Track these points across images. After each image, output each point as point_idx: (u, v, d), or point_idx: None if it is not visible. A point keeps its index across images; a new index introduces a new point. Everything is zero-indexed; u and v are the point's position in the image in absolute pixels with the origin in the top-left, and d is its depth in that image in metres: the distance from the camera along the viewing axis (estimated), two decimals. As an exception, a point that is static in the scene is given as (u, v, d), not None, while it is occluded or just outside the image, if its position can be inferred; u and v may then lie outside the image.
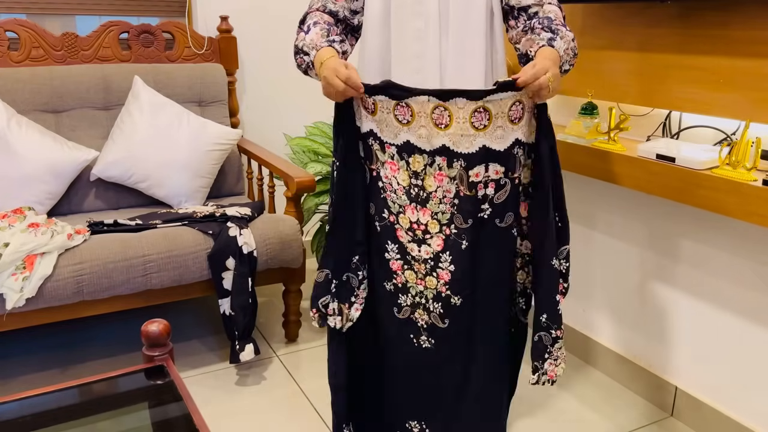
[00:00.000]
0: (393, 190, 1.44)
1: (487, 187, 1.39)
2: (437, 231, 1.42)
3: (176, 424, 1.23)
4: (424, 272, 1.46)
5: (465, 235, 1.41)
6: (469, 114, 1.33)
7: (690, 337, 1.92)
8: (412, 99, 1.35)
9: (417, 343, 1.51)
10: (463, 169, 1.37)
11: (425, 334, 1.50)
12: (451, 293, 1.45)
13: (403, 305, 1.50)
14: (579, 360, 2.31)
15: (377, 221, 1.48)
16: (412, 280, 1.48)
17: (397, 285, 1.50)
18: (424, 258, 1.44)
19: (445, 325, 1.47)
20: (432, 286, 1.46)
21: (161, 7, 2.79)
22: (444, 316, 1.47)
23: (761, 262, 1.70)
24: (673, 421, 1.97)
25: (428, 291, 1.46)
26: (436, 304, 1.47)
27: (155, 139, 2.39)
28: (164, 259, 2.02)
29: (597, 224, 2.18)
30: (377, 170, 1.45)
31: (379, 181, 1.46)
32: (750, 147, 1.55)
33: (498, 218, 1.43)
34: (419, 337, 1.50)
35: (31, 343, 2.38)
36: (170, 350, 1.38)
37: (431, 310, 1.47)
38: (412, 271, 1.47)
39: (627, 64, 1.89)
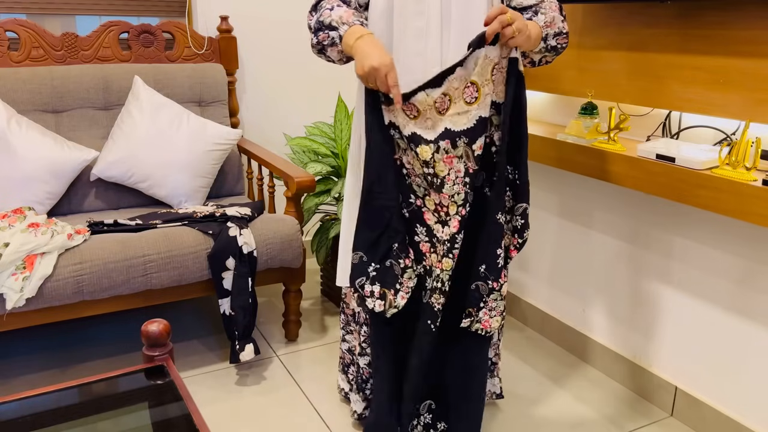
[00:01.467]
0: (416, 176, 1.51)
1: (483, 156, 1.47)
2: (455, 212, 1.48)
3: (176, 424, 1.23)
4: (442, 254, 1.51)
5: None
6: (461, 91, 1.40)
7: (690, 337, 1.92)
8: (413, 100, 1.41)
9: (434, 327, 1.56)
10: (467, 146, 1.43)
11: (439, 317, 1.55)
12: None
13: (428, 288, 1.56)
14: (579, 359, 2.31)
15: (405, 207, 1.54)
16: (434, 262, 1.53)
17: (426, 267, 1.55)
18: (443, 239, 1.50)
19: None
20: (448, 268, 1.51)
21: (161, 7, 2.79)
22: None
23: (762, 262, 1.70)
24: (673, 421, 1.97)
25: (444, 273, 1.51)
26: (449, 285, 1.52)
27: (155, 139, 2.39)
28: (164, 259, 2.02)
29: (596, 224, 2.18)
30: (400, 158, 1.51)
31: (403, 168, 1.52)
32: (750, 147, 1.55)
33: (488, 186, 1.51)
34: (435, 322, 1.55)
35: (31, 343, 2.38)
36: (170, 350, 1.38)
37: (446, 291, 1.52)
38: (435, 253, 1.53)
39: (627, 64, 1.89)
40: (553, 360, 2.31)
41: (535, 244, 2.47)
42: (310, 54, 2.96)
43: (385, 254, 1.53)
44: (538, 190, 2.41)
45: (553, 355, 2.34)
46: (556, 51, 1.54)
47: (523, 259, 2.55)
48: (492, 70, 1.38)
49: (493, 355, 1.91)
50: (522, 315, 2.58)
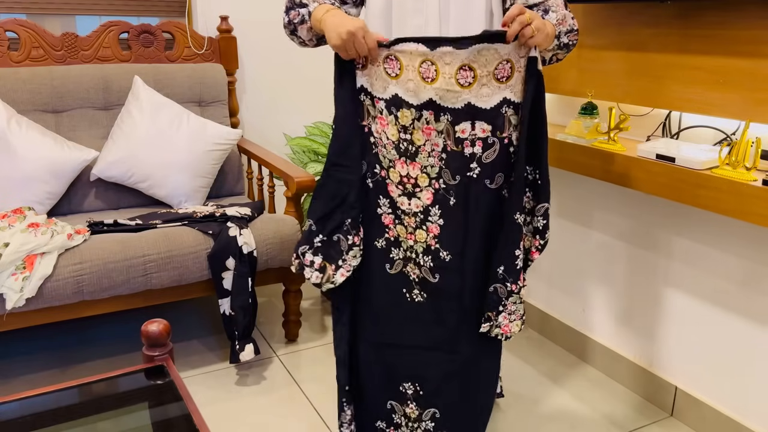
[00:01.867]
0: (383, 145, 1.46)
1: (474, 145, 1.42)
2: (426, 185, 1.45)
3: (176, 424, 1.23)
4: (414, 226, 1.48)
5: (453, 191, 1.44)
6: (455, 71, 1.36)
7: (690, 337, 1.92)
8: (400, 47, 1.37)
9: (410, 297, 1.53)
10: (450, 124, 1.40)
11: (417, 288, 1.52)
12: (440, 248, 1.47)
13: (395, 259, 1.52)
14: (578, 359, 2.31)
15: (369, 177, 1.51)
16: (403, 235, 1.50)
17: (389, 239, 1.52)
18: (414, 211, 1.47)
19: (435, 280, 1.49)
20: (422, 239, 1.48)
21: (161, 7, 2.79)
22: (434, 270, 1.49)
23: (762, 263, 1.70)
24: (673, 421, 1.97)
25: (418, 245, 1.49)
26: (426, 258, 1.49)
27: (155, 139, 2.39)
28: (164, 259, 2.02)
29: (596, 224, 2.18)
30: (369, 125, 1.48)
31: (371, 137, 1.48)
32: (750, 147, 1.55)
33: (488, 179, 1.44)
34: (411, 291, 1.52)
35: (31, 343, 2.38)
36: (170, 350, 1.38)
37: (422, 264, 1.49)
38: (402, 225, 1.49)
39: (627, 64, 1.89)
40: (553, 360, 2.31)
41: (535, 244, 2.47)
42: (310, 54, 2.96)
43: (335, 228, 1.51)
44: (538, 190, 2.42)
45: (553, 355, 2.34)
46: (568, 48, 1.53)
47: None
48: (497, 65, 1.37)
49: None
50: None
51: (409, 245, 1.50)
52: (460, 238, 1.47)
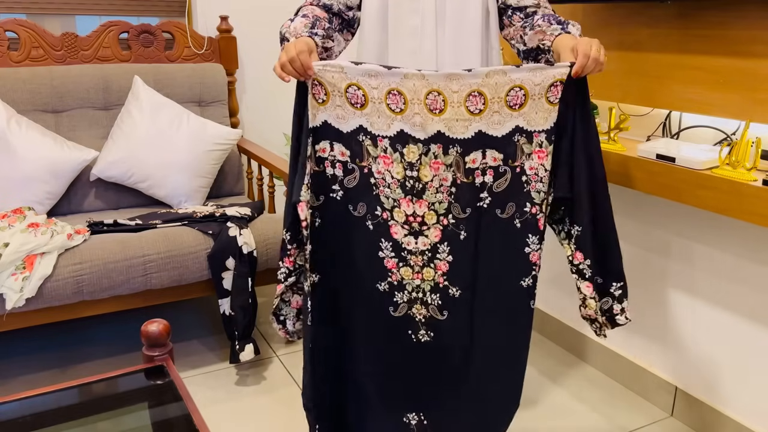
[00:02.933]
0: (387, 185, 1.41)
1: (485, 174, 1.37)
2: (434, 222, 1.41)
3: (176, 424, 1.23)
4: (421, 264, 1.44)
5: (463, 225, 1.40)
6: (464, 98, 1.32)
7: (690, 337, 1.92)
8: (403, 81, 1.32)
9: (415, 339, 1.49)
10: (460, 156, 1.36)
11: (424, 328, 1.48)
12: (449, 284, 1.43)
13: (399, 303, 1.48)
14: (578, 359, 2.31)
15: (369, 220, 1.45)
16: (408, 276, 1.45)
17: (392, 283, 1.47)
18: (421, 250, 1.43)
19: (443, 317, 1.46)
20: (429, 278, 1.44)
21: (161, 7, 2.79)
22: (443, 308, 1.45)
23: (761, 262, 1.70)
24: (673, 421, 1.97)
25: (425, 283, 1.45)
26: (434, 296, 1.45)
27: (155, 139, 2.39)
28: (164, 259, 2.02)
29: (597, 224, 2.18)
30: (368, 167, 1.42)
31: (371, 178, 1.42)
32: (750, 147, 1.55)
33: (498, 208, 1.40)
34: (418, 333, 1.49)
35: (31, 343, 2.38)
36: (170, 350, 1.38)
37: (429, 303, 1.46)
38: (408, 266, 1.45)
39: (627, 64, 1.89)
40: (552, 359, 2.31)
41: (535, 244, 2.47)
42: (310, 54, 2.96)
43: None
44: (538, 190, 2.41)
45: (553, 355, 2.34)
46: None
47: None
48: (509, 91, 1.32)
49: None
50: (522, 315, 2.58)
51: (416, 285, 1.46)
52: (469, 272, 1.43)
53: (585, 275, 1.44)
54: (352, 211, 1.46)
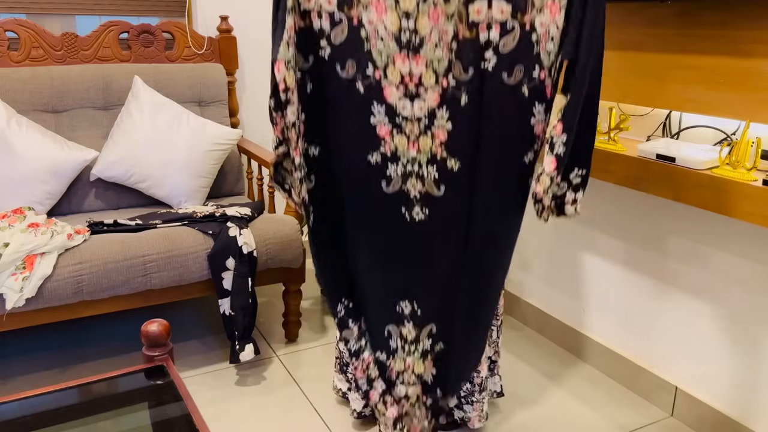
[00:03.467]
0: (379, 38, 1.25)
1: (490, 29, 1.22)
2: (433, 82, 1.26)
3: (176, 424, 1.23)
4: (417, 133, 1.29)
5: (465, 88, 1.26)
6: None
7: (690, 336, 1.92)
8: None
9: (409, 217, 1.36)
10: (462, 5, 1.21)
11: (418, 205, 1.34)
12: (448, 155, 1.30)
13: (392, 177, 1.34)
14: (578, 359, 2.31)
15: (360, 80, 1.29)
16: (403, 147, 1.31)
17: (385, 154, 1.32)
18: (418, 116, 1.28)
19: (440, 193, 1.33)
20: (426, 149, 1.30)
21: (161, 7, 2.79)
22: (439, 182, 1.32)
23: (761, 262, 1.70)
24: (673, 421, 1.97)
25: (421, 155, 1.31)
26: (430, 169, 1.31)
27: (155, 139, 2.39)
28: (164, 259, 2.02)
29: (596, 224, 2.18)
30: (358, 17, 1.25)
31: (362, 30, 1.26)
32: (750, 147, 1.55)
33: (505, 71, 1.25)
34: (412, 210, 1.35)
35: (31, 343, 2.38)
36: (170, 350, 1.38)
37: (425, 177, 1.32)
38: (402, 135, 1.30)
39: (627, 64, 1.89)
40: (552, 359, 2.31)
41: (534, 244, 2.47)
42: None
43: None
44: (538, 190, 2.41)
45: (553, 355, 2.34)
46: None
47: (522, 259, 2.55)
48: None
49: (492, 353, 1.91)
50: (521, 314, 2.58)
51: (411, 157, 1.31)
52: (471, 143, 1.29)
53: (554, 149, 1.31)
54: (340, 72, 1.29)
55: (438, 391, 1.62)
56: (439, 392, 1.62)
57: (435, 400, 1.62)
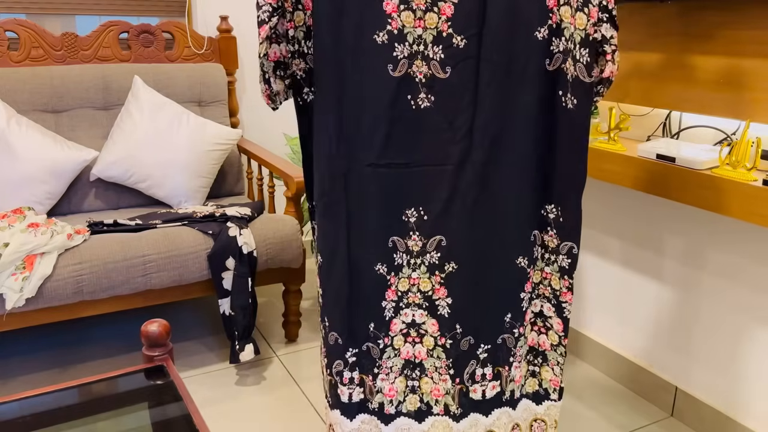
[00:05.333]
0: None
1: None
2: None
3: (176, 424, 1.23)
4: (424, 7, 1.23)
5: None
6: None
7: (690, 336, 1.92)
8: None
9: (414, 104, 1.27)
10: None
11: (424, 90, 1.26)
12: (453, 32, 1.24)
13: (399, 58, 1.26)
14: (578, 360, 2.31)
15: None
16: (410, 23, 1.24)
17: (392, 32, 1.25)
18: None
19: (446, 75, 1.26)
20: (432, 24, 1.24)
21: (161, 7, 2.79)
22: (445, 63, 1.25)
23: (761, 262, 1.70)
24: (673, 421, 1.97)
25: (427, 33, 1.24)
26: (436, 49, 1.24)
27: (155, 139, 2.39)
28: (164, 259, 2.02)
29: (596, 223, 2.18)
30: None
31: None
32: (750, 147, 1.55)
33: None
34: (417, 96, 1.27)
35: (31, 343, 2.38)
36: (170, 350, 1.38)
37: (431, 58, 1.25)
38: (409, 10, 1.23)
39: (627, 64, 1.89)
40: (553, 360, 2.31)
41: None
42: (310, 54, 2.96)
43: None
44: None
45: (553, 355, 2.34)
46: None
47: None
48: None
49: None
50: (522, 315, 2.58)
51: (418, 35, 1.24)
52: (474, 15, 1.22)
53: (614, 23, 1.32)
54: None
55: (458, 327, 1.36)
56: (459, 328, 1.36)
57: (456, 341, 1.37)
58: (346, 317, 1.35)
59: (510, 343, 1.37)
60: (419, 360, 1.38)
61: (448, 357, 1.37)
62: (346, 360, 1.38)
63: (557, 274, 1.41)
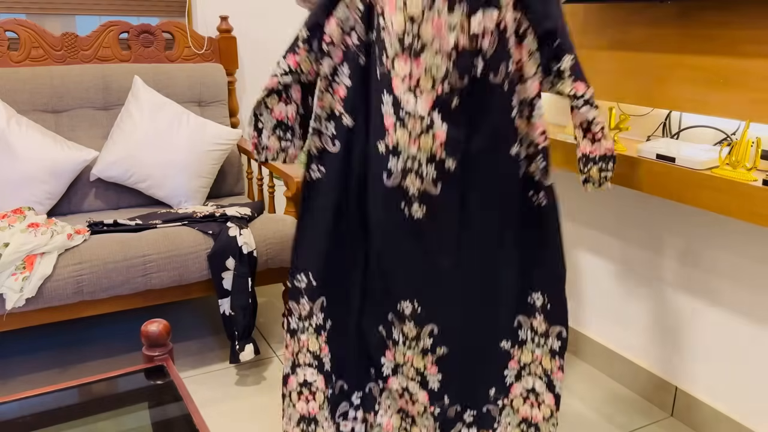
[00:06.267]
0: (388, 33, 1.30)
1: (484, 38, 1.28)
2: (430, 87, 1.30)
3: (176, 424, 1.23)
4: (419, 131, 1.32)
5: (457, 92, 1.31)
6: None
7: (690, 336, 1.92)
8: None
9: (408, 214, 1.38)
10: (465, 16, 1.26)
11: (417, 202, 1.37)
12: (446, 155, 1.34)
13: (393, 171, 1.36)
14: (578, 360, 2.31)
15: (378, 66, 1.34)
16: (404, 141, 1.34)
17: (387, 146, 1.35)
18: (420, 114, 1.31)
19: (437, 192, 1.36)
20: (427, 148, 1.33)
21: (161, 7, 2.79)
22: (437, 181, 1.35)
23: (761, 262, 1.70)
24: (673, 421, 1.97)
25: (421, 153, 1.34)
26: (429, 168, 1.34)
27: (155, 139, 2.39)
28: (164, 259, 2.02)
29: (595, 223, 2.18)
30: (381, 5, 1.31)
31: (381, 19, 1.31)
32: (750, 147, 1.55)
33: (492, 71, 1.30)
34: (411, 207, 1.38)
35: (31, 343, 2.38)
36: (170, 350, 1.38)
37: (424, 176, 1.35)
38: (404, 129, 1.33)
39: (627, 64, 1.89)
40: (553, 360, 2.31)
41: (535, 244, 2.47)
42: (310, 54, 2.96)
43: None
44: (538, 190, 2.42)
45: (553, 355, 2.34)
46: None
47: (523, 259, 2.55)
48: None
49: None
50: (522, 315, 2.58)
51: (411, 154, 1.33)
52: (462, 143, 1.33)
53: (593, 104, 1.39)
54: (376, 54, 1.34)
55: (446, 399, 1.52)
56: (447, 400, 1.52)
57: (443, 409, 1.51)
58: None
59: (494, 413, 1.46)
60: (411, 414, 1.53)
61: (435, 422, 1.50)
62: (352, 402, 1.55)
63: (548, 355, 1.50)
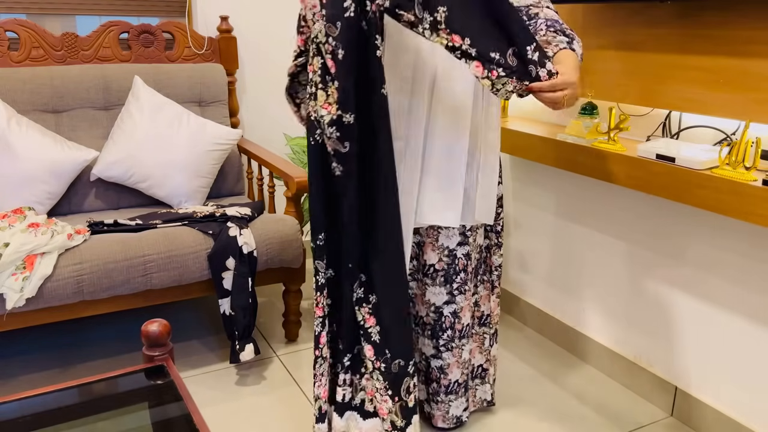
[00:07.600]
0: None
1: None
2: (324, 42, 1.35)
3: (176, 424, 1.23)
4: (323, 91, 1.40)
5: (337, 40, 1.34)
6: None
7: (690, 336, 1.92)
8: None
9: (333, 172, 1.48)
10: None
11: (334, 160, 1.45)
12: (342, 111, 1.39)
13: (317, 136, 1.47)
14: (579, 360, 2.31)
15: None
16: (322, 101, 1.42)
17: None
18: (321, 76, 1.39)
19: (346, 149, 1.43)
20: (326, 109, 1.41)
21: (161, 7, 2.79)
22: (343, 139, 1.42)
23: (761, 262, 1.70)
24: (673, 421, 1.97)
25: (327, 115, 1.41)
26: (330, 129, 1.41)
27: (155, 139, 2.39)
28: (164, 259, 2.02)
29: (596, 224, 2.18)
30: None
31: None
32: (750, 147, 1.55)
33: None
34: (332, 165, 1.47)
35: (31, 343, 2.38)
36: (170, 350, 1.38)
37: (329, 137, 1.42)
38: (324, 91, 1.41)
39: (627, 64, 1.90)
40: (552, 360, 2.31)
41: (534, 244, 2.47)
42: (310, 54, 2.96)
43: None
44: (538, 190, 2.41)
45: (553, 355, 2.34)
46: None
47: (522, 259, 2.55)
48: None
49: (484, 361, 1.89)
50: (521, 315, 2.58)
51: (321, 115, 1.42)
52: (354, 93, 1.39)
53: (470, 55, 1.35)
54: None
55: (387, 352, 1.55)
56: (388, 353, 1.56)
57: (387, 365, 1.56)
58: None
59: None
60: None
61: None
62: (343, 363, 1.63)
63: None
